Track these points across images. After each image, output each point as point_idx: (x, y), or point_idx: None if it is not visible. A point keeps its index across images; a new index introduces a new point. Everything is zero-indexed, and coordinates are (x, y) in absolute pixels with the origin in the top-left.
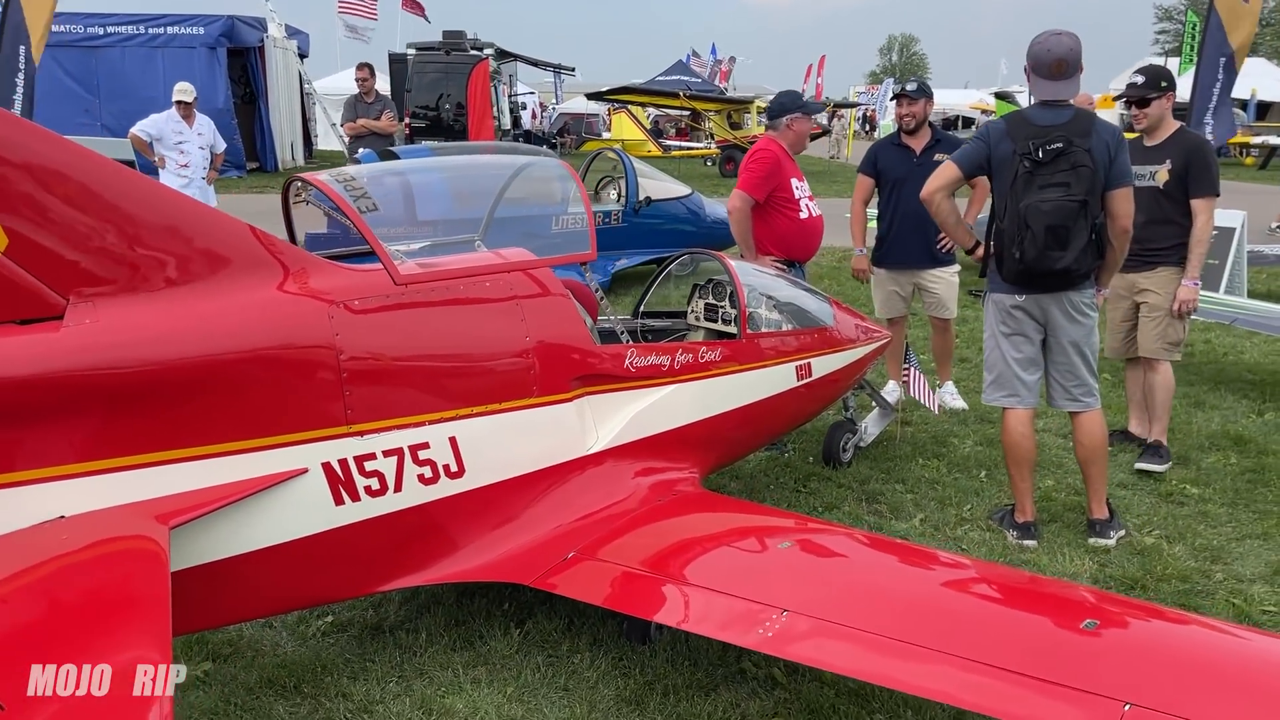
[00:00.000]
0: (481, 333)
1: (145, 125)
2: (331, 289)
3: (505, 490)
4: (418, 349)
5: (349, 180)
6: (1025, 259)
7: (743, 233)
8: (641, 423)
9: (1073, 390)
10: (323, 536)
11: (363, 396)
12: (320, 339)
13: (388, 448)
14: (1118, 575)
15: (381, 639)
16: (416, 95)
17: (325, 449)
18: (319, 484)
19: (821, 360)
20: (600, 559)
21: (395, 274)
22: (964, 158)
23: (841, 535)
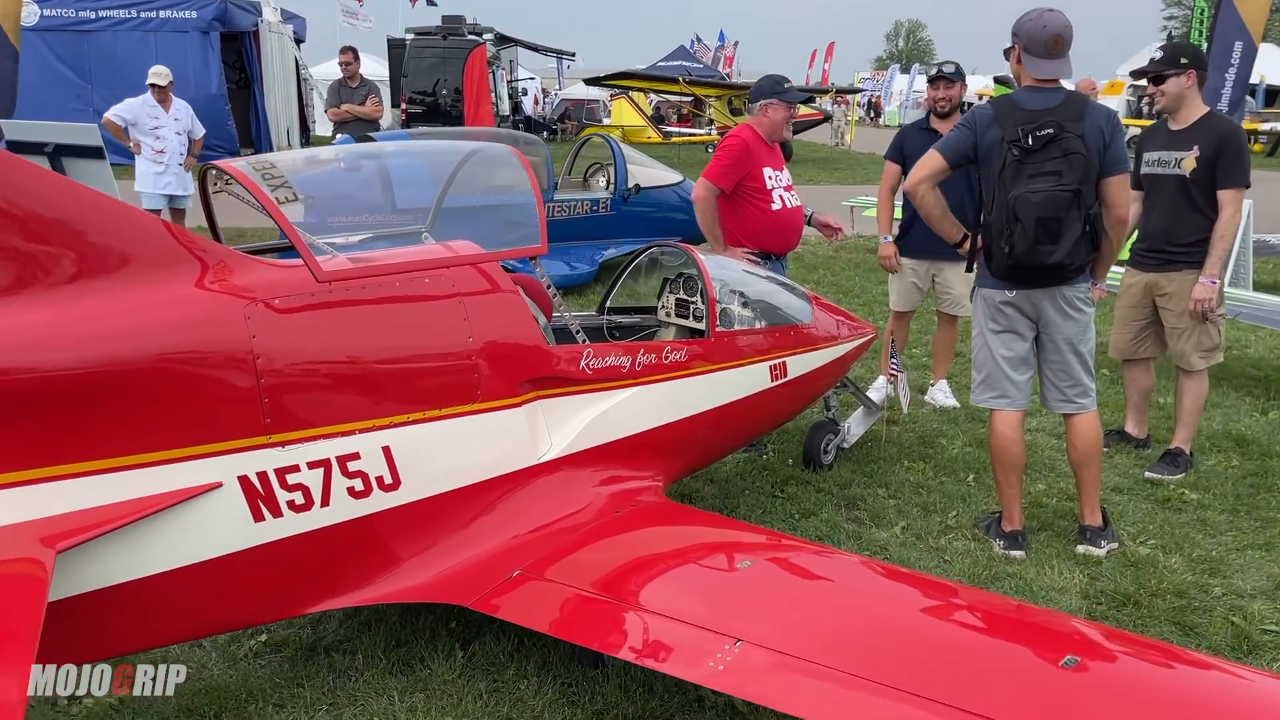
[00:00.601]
0: (418, 333)
1: (120, 110)
2: (250, 287)
3: (446, 503)
4: (344, 352)
5: (267, 168)
6: (1014, 253)
7: (707, 223)
8: (599, 428)
9: (1067, 390)
10: (240, 556)
11: (283, 404)
12: (235, 341)
13: (313, 459)
14: (1109, 590)
15: (316, 661)
16: (413, 81)
17: (241, 461)
18: (235, 499)
19: (798, 359)
20: (547, 578)
21: (317, 271)
22: (949, 146)
23: (810, 554)
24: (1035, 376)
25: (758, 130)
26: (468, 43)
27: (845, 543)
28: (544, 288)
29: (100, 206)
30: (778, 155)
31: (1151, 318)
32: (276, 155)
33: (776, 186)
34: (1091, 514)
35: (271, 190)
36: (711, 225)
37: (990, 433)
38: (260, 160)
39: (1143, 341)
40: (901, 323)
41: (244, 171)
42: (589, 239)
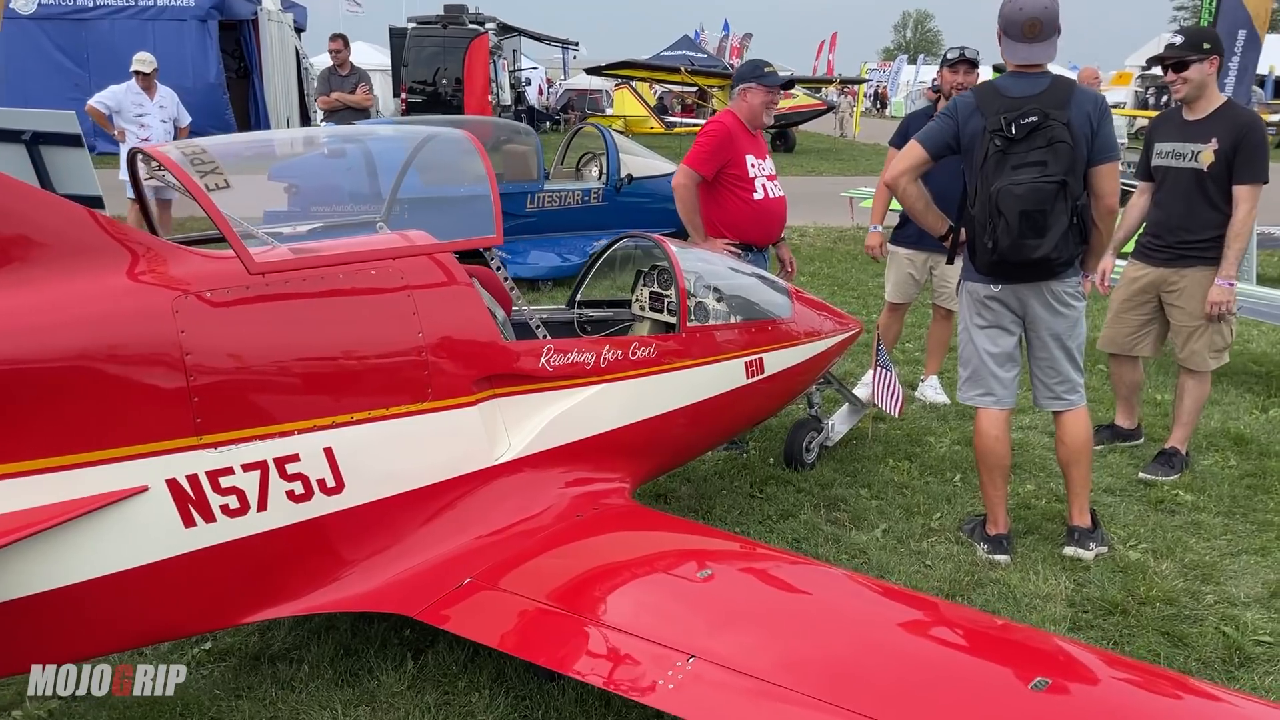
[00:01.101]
0: (362, 328)
1: (103, 97)
2: (179, 280)
3: (394, 507)
4: (280, 348)
5: (198, 153)
6: (999, 248)
7: (687, 212)
8: (561, 428)
9: (1056, 388)
10: (170, 563)
11: (215, 403)
12: (161, 337)
13: (247, 461)
14: (1096, 597)
15: (259, 671)
16: (413, 70)
17: (170, 463)
18: (163, 503)
19: (776, 355)
20: (499, 587)
21: (249, 263)
22: (929, 137)
23: (778, 563)
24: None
25: (740, 116)
26: (469, 32)
27: (823, 546)
28: (500, 280)
29: (14, 192)
30: (761, 143)
31: (1154, 315)
32: (210, 140)
33: (759, 175)
34: (1080, 514)
35: (200, 176)
36: (691, 214)
37: (975, 432)
38: (191, 145)
39: (1141, 339)
40: (896, 315)
41: (171, 157)
42: (581, 229)
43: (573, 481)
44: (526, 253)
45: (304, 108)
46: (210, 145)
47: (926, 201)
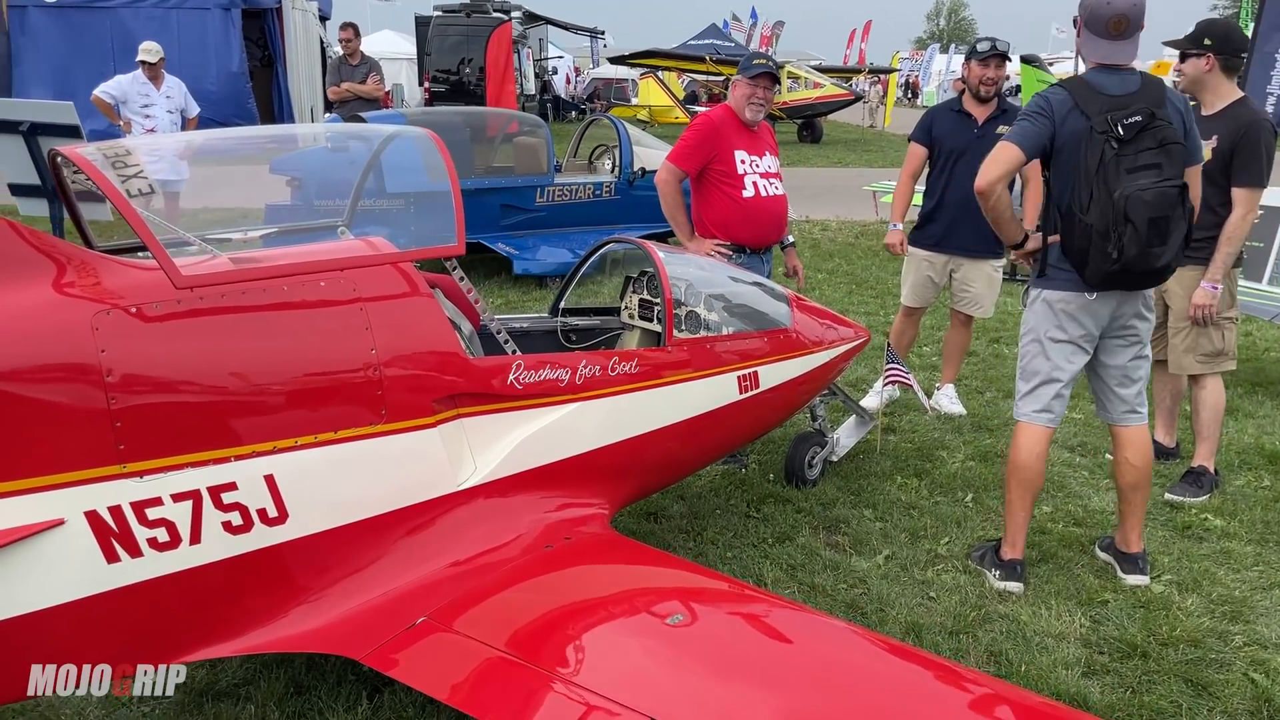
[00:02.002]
0: (306, 345)
1: (108, 86)
2: (102, 294)
3: (343, 538)
4: (213, 367)
5: (120, 155)
6: (1124, 257)
7: (670, 209)
8: (532, 450)
9: (1133, 399)
10: (89, 602)
11: (140, 428)
12: (79, 356)
13: (178, 491)
14: (1113, 637)
15: (203, 711)
16: (437, 59)
17: (89, 494)
18: (82, 537)
19: (772, 368)
20: (455, 629)
21: (174, 276)
22: (1025, 138)
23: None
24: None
25: (735, 110)
26: (492, 20)
27: (821, 573)
28: (464, 291)
29: None
30: (759, 139)
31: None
32: (136, 140)
33: (751, 173)
34: (1137, 540)
35: (121, 181)
36: (674, 211)
37: (1014, 447)
38: (113, 146)
39: (1159, 341)
40: (911, 320)
41: (89, 159)
42: (592, 224)
43: (544, 508)
44: (536, 248)
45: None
46: (136, 146)
47: (1011, 208)
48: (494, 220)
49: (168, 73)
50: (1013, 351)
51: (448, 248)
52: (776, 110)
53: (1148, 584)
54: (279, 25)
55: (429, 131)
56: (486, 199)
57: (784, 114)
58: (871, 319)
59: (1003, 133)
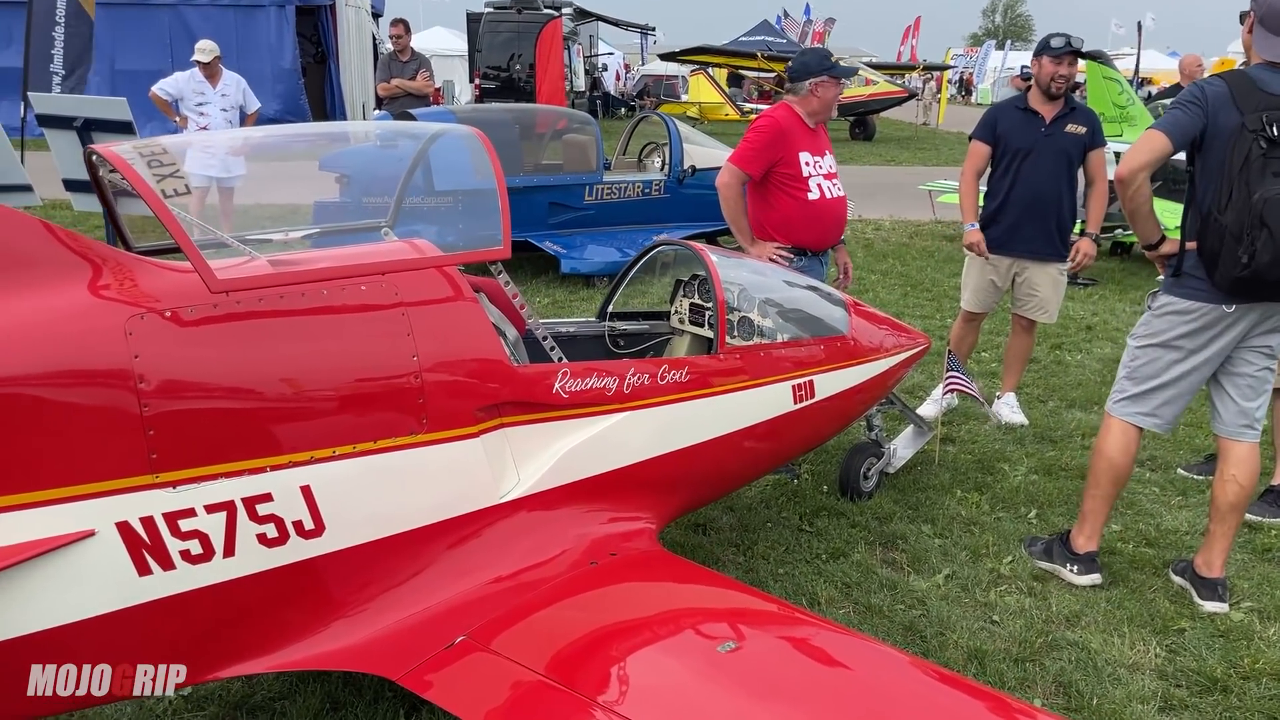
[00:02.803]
0: (345, 351)
1: (165, 84)
2: (136, 298)
3: (382, 552)
4: (248, 375)
5: (156, 154)
6: (1255, 263)
7: (732, 214)
8: (577, 461)
9: (1255, 413)
10: (120, 615)
11: (173, 436)
12: (112, 362)
13: (212, 502)
14: (1191, 669)
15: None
16: (487, 55)
17: (121, 505)
18: (113, 549)
19: (829, 377)
20: (494, 650)
21: (210, 280)
22: (1176, 127)
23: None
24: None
25: (798, 111)
26: (542, 16)
27: (877, 593)
28: (509, 296)
29: None
30: (820, 139)
31: None
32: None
33: (815, 174)
34: (1223, 564)
35: (157, 180)
36: (736, 216)
37: (1105, 442)
38: (149, 144)
39: None
40: (972, 326)
41: (124, 157)
42: (641, 223)
43: (590, 522)
44: (584, 247)
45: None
46: (172, 145)
47: (1152, 203)
48: (542, 218)
49: (227, 69)
50: (1075, 359)
51: (493, 251)
52: None
53: (1227, 612)
54: (332, 22)
55: (476, 130)
56: (534, 197)
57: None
58: (928, 323)
59: (1071, 132)
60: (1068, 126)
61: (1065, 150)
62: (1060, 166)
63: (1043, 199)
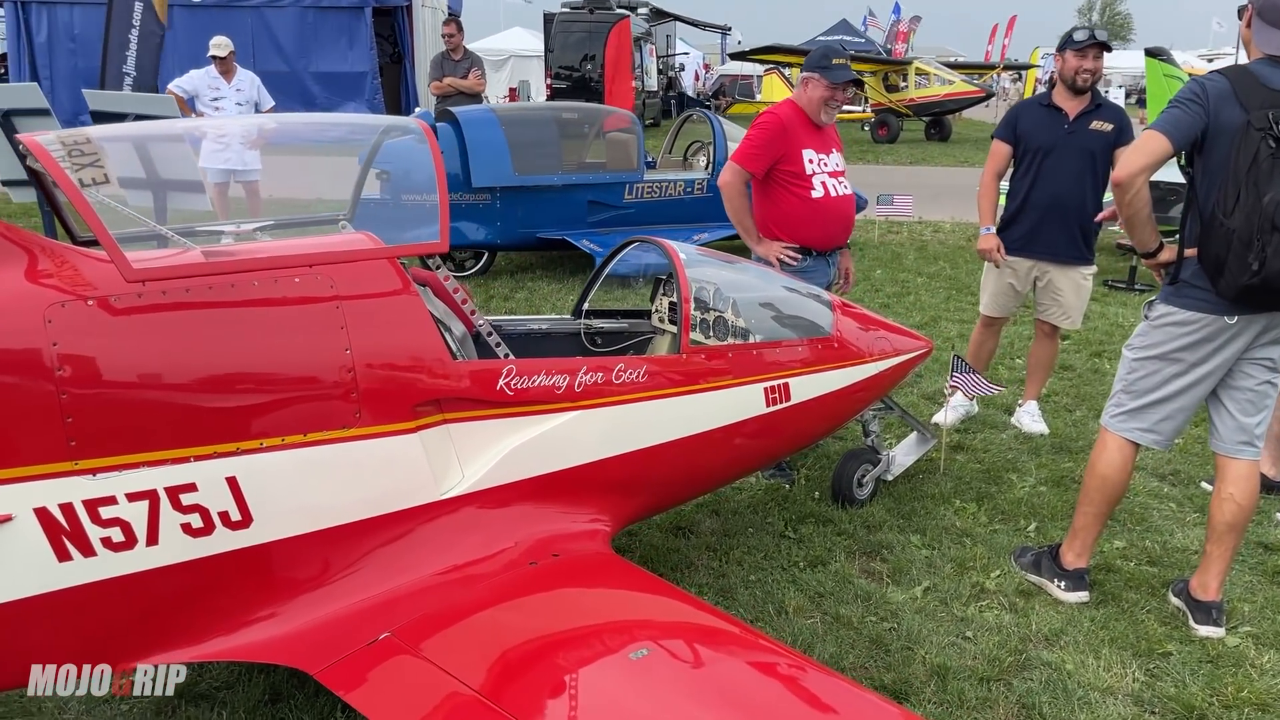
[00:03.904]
0: (274, 343)
1: (181, 81)
2: (61, 286)
3: (311, 545)
4: (172, 365)
5: (80, 143)
6: (1266, 270)
7: (735, 212)
8: (524, 459)
9: (1255, 429)
10: (39, 600)
11: (93, 424)
12: (30, 349)
13: (133, 490)
14: (1170, 696)
15: (180, 713)
16: (559, 55)
17: (39, 490)
18: (32, 534)
19: (806, 379)
20: (416, 651)
21: (125, 270)
22: (1176, 127)
23: (737, 652)
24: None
25: (802, 107)
26: (614, 16)
27: (850, 604)
28: (449, 290)
29: None
30: (826, 137)
31: None
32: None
33: (819, 172)
34: (1219, 587)
35: (75, 170)
36: (740, 214)
37: (1100, 458)
38: (73, 134)
39: None
40: (991, 330)
41: (45, 147)
42: (682, 222)
43: (536, 521)
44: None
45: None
46: (97, 134)
47: (1150, 208)
48: (580, 217)
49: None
50: (1112, 368)
51: (430, 245)
52: (903, 108)
53: (1221, 636)
54: (408, 23)
55: (420, 123)
56: (573, 195)
57: (911, 111)
58: (964, 327)
59: (1096, 129)
60: (1092, 124)
61: (1089, 149)
62: (1084, 166)
63: (1065, 200)
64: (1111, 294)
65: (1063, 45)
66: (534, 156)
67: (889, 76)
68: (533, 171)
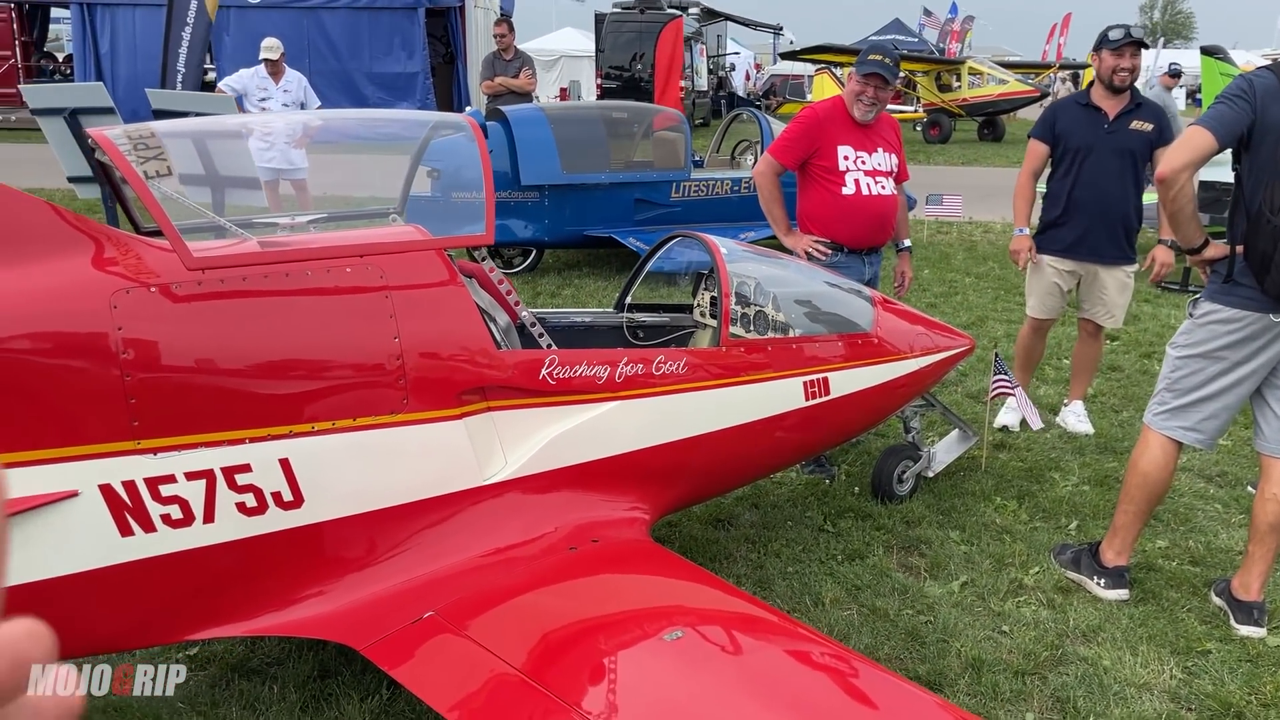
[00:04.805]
0: (326, 331)
1: (230, 80)
2: (126, 273)
3: (360, 526)
4: (229, 350)
5: (145, 138)
6: None
7: (766, 202)
8: (565, 447)
9: None
10: (102, 573)
11: (155, 406)
12: (96, 333)
13: (191, 469)
14: (1207, 693)
15: (232, 687)
16: (610, 56)
17: (103, 468)
18: (97, 509)
19: (846, 374)
20: (456, 628)
21: (186, 258)
22: (1221, 123)
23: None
24: None
25: (847, 104)
26: (664, 16)
27: (886, 597)
28: (495, 283)
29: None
30: (871, 135)
31: None
32: (160, 124)
33: (854, 169)
34: (1261, 587)
35: (141, 163)
36: (771, 205)
37: (1142, 456)
38: (139, 129)
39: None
40: (1040, 332)
41: (112, 140)
42: (728, 220)
43: (576, 508)
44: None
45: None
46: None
47: (1195, 204)
48: (627, 215)
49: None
50: None
51: (477, 237)
52: (955, 108)
53: (1263, 636)
54: (461, 23)
55: (468, 118)
56: (620, 193)
57: (964, 111)
58: (1011, 328)
59: (1136, 129)
60: (1132, 123)
61: (1129, 149)
62: (1125, 166)
63: (1106, 200)
64: (1164, 295)
65: (1099, 44)
66: (582, 155)
67: (941, 76)
68: (581, 170)
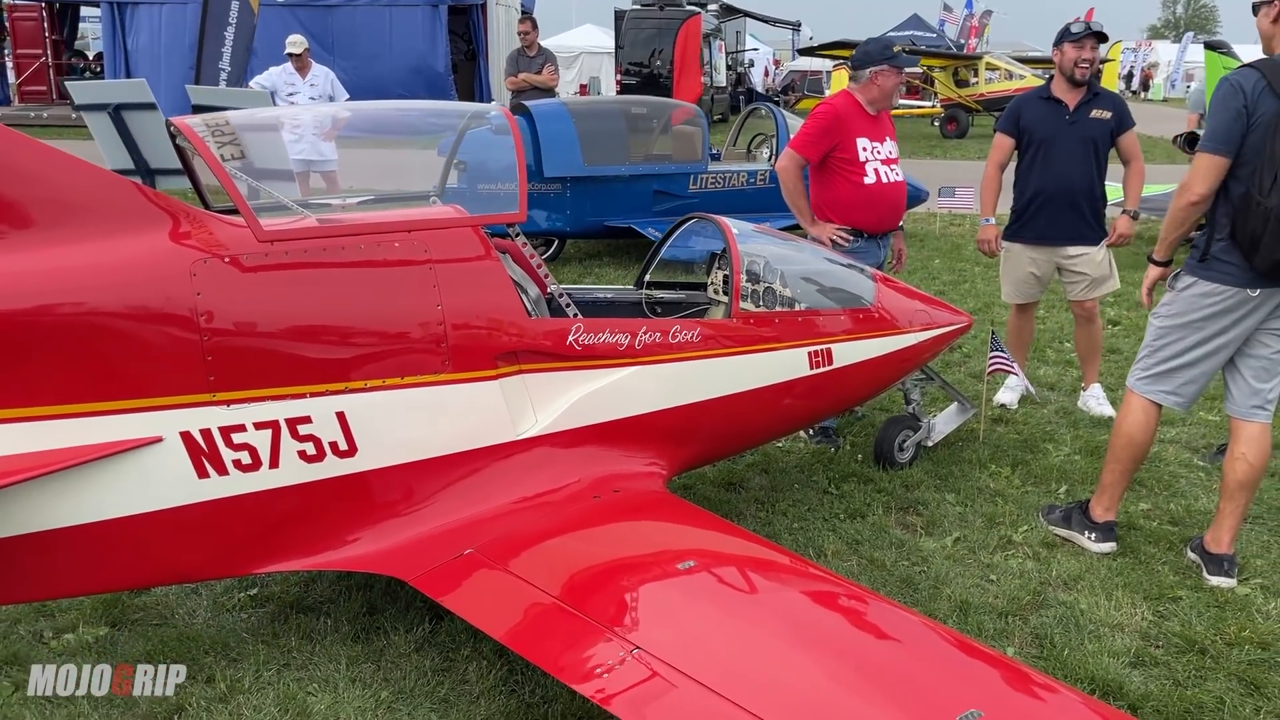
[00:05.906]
0: (377, 298)
1: (260, 78)
2: (201, 245)
3: (406, 474)
4: (293, 314)
5: (220, 125)
6: None
7: (790, 195)
8: (590, 407)
9: (1269, 394)
10: (181, 511)
11: (228, 363)
12: (178, 298)
13: (260, 420)
14: (1175, 633)
15: (290, 620)
16: (629, 52)
17: (183, 417)
18: (177, 454)
19: (848, 346)
20: (493, 562)
21: (257, 231)
22: (1230, 139)
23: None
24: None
25: (859, 98)
26: (684, 12)
27: (884, 549)
28: (526, 257)
29: (55, 163)
30: (880, 125)
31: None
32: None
33: (872, 159)
34: (1231, 541)
35: (218, 146)
36: (795, 198)
37: (1125, 418)
38: (215, 117)
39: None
40: (1025, 316)
41: (193, 128)
42: (744, 212)
43: (599, 462)
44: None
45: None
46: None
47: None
48: (646, 205)
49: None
50: None
51: (511, 215)
52: (972, 103)
53: (1233, 586)
54: (483, 20)
55: (501, 108)
56: (640, 185)
57: (981, 107)
58: None
59: (1096, 118)
60: (1092, 112)
61: (1091, 136)
62: (1087, 153)
63: (1071, 186)
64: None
65: (1060, 39)
66: (603, 148)
67: (959, 71)
68: (601, 162)
